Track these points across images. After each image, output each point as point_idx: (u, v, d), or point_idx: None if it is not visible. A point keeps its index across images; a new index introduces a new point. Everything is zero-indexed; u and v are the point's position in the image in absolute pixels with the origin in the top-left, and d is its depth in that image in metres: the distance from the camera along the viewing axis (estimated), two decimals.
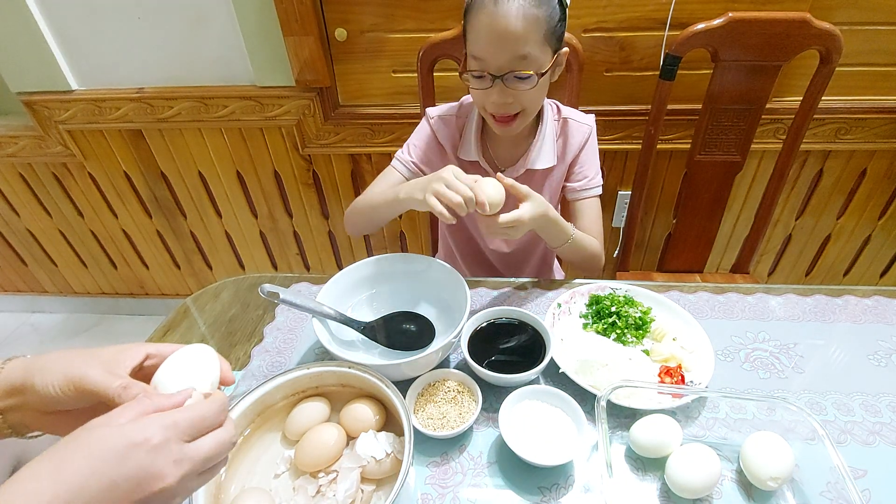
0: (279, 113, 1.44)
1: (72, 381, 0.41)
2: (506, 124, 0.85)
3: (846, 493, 0.53)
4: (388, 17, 1.28)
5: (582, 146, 0.98)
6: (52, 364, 0.42)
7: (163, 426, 0.36)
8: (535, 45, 0.76)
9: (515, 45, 0.75)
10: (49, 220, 1.81)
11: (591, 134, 0.98)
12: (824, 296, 0.88)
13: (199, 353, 0.45)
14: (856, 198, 1.51)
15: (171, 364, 0.43)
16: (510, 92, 0.80)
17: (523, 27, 0.74)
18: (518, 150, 0.96)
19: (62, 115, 1.50)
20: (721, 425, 0.67)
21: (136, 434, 0.35)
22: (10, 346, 2.03)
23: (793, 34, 1.03)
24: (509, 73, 0.78)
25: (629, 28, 1.24)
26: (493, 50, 0.76)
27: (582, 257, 0.95)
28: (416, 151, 0.99)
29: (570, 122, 0.97)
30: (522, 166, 0.96)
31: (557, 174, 0.99)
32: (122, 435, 0.35)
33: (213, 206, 1.72)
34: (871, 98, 1.32)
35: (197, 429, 0.38)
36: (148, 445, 0.35)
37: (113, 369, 0.42)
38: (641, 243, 1.67)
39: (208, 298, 0.94)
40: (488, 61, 0.78)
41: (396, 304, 0.83)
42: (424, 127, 1.01)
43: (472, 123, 0.96)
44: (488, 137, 0.98)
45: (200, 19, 1.33)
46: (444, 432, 0.64)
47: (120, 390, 0.40)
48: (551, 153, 0.96)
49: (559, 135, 0.97)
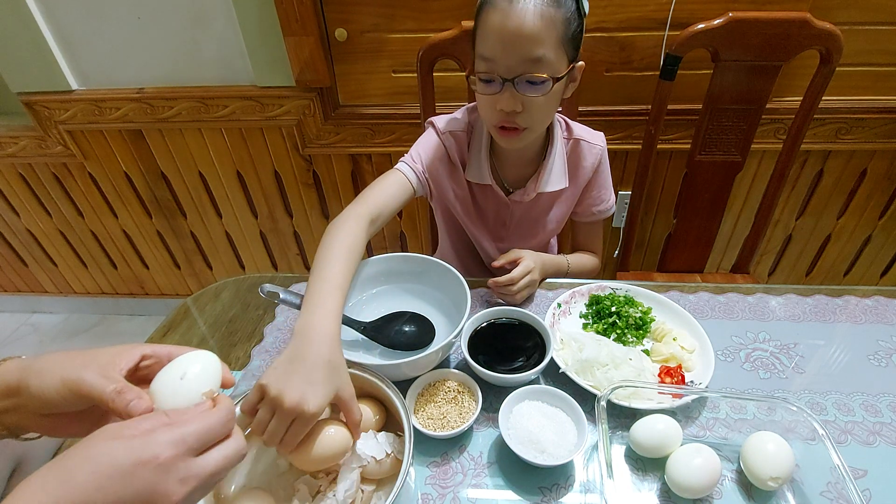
0: (279, 113, 1.44)
1: (67, 383, 0.41)
2: (512, 135, 0.80)
3: (846, 493, 0.53)
4: (388, 17, 1.28)
5: (594, 169, 0.95)
6: (48, 366, 0.42)
7: (171, 442, 0.35)
8: (549, 47, 0.72)
9: (529, 45, 0.71)
10: (49, 220, 1.81)
11: (603, 155, 0.95)
12: (824, 296, 0.88)
13: (198, 360, 0.44)
14: (856, 198, 1.51)
15: (169, 372, 0.43)
16: (520, 98, 0.75)
17: (539, 27, 0.70)
18: (527, 171, 0.92)
19: (62, 115, 1.50)
20: (721, 425, 0.67)
21: (144, 451, 0.34)
22: (10, 347, 2.03)
23: (793, 34, 1.03)
24: (520, 77, 0.73)
25: (629, 28, 1.24)
26: (505, 50, 0.72)
27: (578, 276, 1.01)
28: (427, 162, 0.92)
29: (581, 143, 0.93)
30: (533, 190, 0.91)
31: (568, 196, 0.97)
32: (130, 451, 0.34)
33: (213, 206, 1.72)
34: (871, 98, 1.32)
35: (204, 442, 0.38)
36: (155, 463, 0.34)
37: (108, 372, 0.42)
38: (641, 243, 1.67)
39: (208, 298, 0.94)
40: (498, 62, 0.73)
41: (396, 304, 0.83)
42: (434, 140, 0.93)
43: (482, 143, 0.91)
44: (496, 158, 0.94)
45: (200, 19, 1.33)
46: (444, 432, 0.64)
47: (114, 395, 0.40)
48: (562, 175, 0.92)
49: (571, 154, 0.93)
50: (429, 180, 0.92)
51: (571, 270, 1.00)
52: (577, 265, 1.01)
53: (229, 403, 0.41)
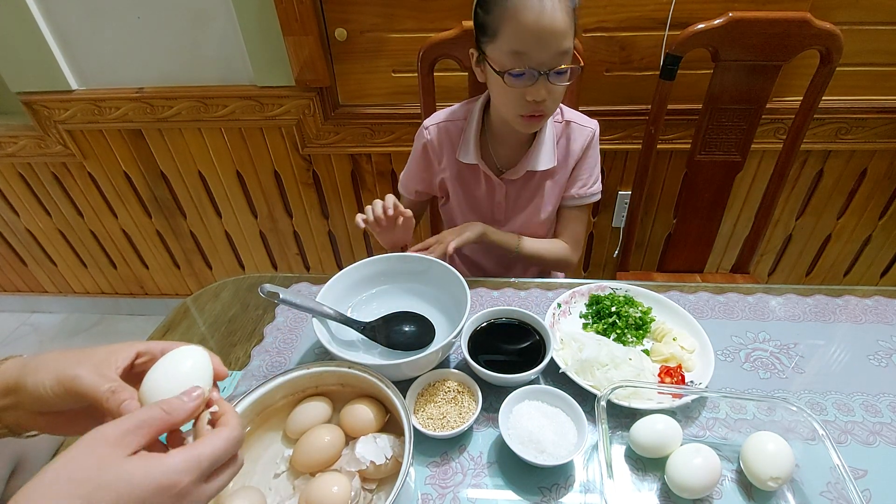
0: (279, 113, 1.44)
1: (62, 382, 0.41)
2: (537, 121, 0.86)
3: (846, 493, 0.53)
4: (388, 17, 1.28)
5: (584, 151, 0.97)
6: (45, 365, 0.42)
7: (188, 470, 0.36)
8: (572, 38, 0.78)
9: (561, 39, 0.76)
10: (49, 220, 1.81)
11: (594, 138, 0.97)
12: (824, 296, 0.88)
13: (189, 355, 0.44)
14: (856, 198, 1.51)
15: (159, 369, 0.43)
16: (550, 88, 0.80)
17: (566, 21, 0.76)
18: (518, 151, 0.96)
19: (62, 115, 1.50)
20: (721, 425, 0.67)
21: (164, 478, 0.34)
22: (10, 346, 2.03)
23: (793, 34, 1.03)
24: (552, 69, 0.78)
25: (629, 28, 1.24)
26: (539, 45, 0.76)
27: (543, 263, 1.03)
28: (414, 180, 1.06)
29: (573, 124, 0.96)
30: (523, 168, 0.95)
31: (560, 177, 0.99)
32: (150, 479, 0.34)
33: (212, 206, 1.72)
34: (871, 98, 1.32)
35: (216, 466, 0.38)
36: (174, 491, 0.34)
37: (103, 371, 0.42)
38: (641, 243, 1.67)
39: (208, 298, 0.94)
40: (532, 56, 0.77)
41: (396, 304, 0.83)
42: (417, 146, 1.02)
43: (472, 126, 0.95)
44: (488, 139, 0.97)
45: (200, 19, 1.33)
46: (444, 432, 0.64)
47: (108, 394, 0.40)
48: (551, 154, 0.95)
49: (561, 136, 0.97)
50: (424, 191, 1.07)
51: (524, 246, 0.99)
52: (534, 245, 1.01)
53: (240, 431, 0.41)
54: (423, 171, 1.04)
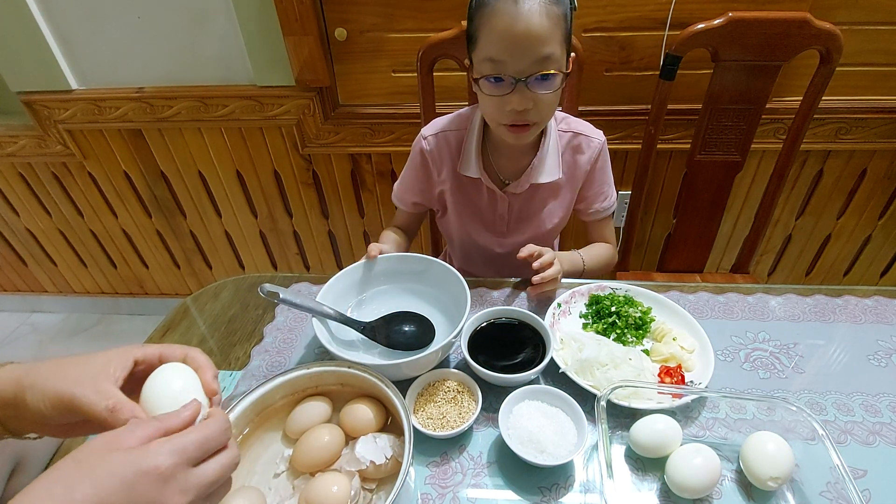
0: (279, 113, 1.44)
1: (61, 401, 0.41)
2: (522, 131, 0.81)
3: (846, 493, 0.53)
4: (388, 16, 1.28)
5: (593, 164, 0.94)
6: (43, 381, 0.42)
7: (171, 452, 0.35)
8: (556, 44, 0.73)
9: (539, 45, 0.72)
10: (49, 219, 1.81)
11: (603, 151, 0.95)
12: (824, 296, 0.88)
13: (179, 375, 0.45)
14: (856, 198, 1.51)
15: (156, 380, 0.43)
16: (530, 96, 0.76)
17: (546, 26, 0.71)
18: (521, 163, 0.92)
19: (62, 115, 1.50)
20: (721, 425, 0.67)
21: (145, 462, 0.34)
22: (10, 346, 2.03)
23: (793, 34, 1.03)
24: (531, 76, 0.73)
25: (629, 28, 1.24)
26: (515, 52, 0.72)
27: (598, 270, 1.02)
28: (411, 192, 1.02)
29: (579, 136, 0.93)
30: (527, 181, 0.92)
31: (566, 189, 0.96)
32: (131, 462, 0.34)
33: (212, 206, 1.72)
34: (871, 98, 1.32)
35: (203, 452, 0.38)
36: (156, 474, 0.34)
37: (100, 386, 0.41)
38: (641, 243, 1.67)
39: (208, 298, 0.94)
40: (508, 64, 0.73)
41: (396, 304, 0.83)
42: (415, 156, 0.98)
43: (473, 137, 0.91)
44: (490, 151, 0.94)
45: (200, 19, 1.32)
46: (444, 432, 0.64)
47: (107, 413, 0.40)
48: (556, 166, 0.92)
49: (566, 147, 0.93)
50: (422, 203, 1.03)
51: (587, 263, 0.98)
52: (592, 257, 1.00)
53: (224, 415, 0.42)
54: (422, 183, 1.00)
